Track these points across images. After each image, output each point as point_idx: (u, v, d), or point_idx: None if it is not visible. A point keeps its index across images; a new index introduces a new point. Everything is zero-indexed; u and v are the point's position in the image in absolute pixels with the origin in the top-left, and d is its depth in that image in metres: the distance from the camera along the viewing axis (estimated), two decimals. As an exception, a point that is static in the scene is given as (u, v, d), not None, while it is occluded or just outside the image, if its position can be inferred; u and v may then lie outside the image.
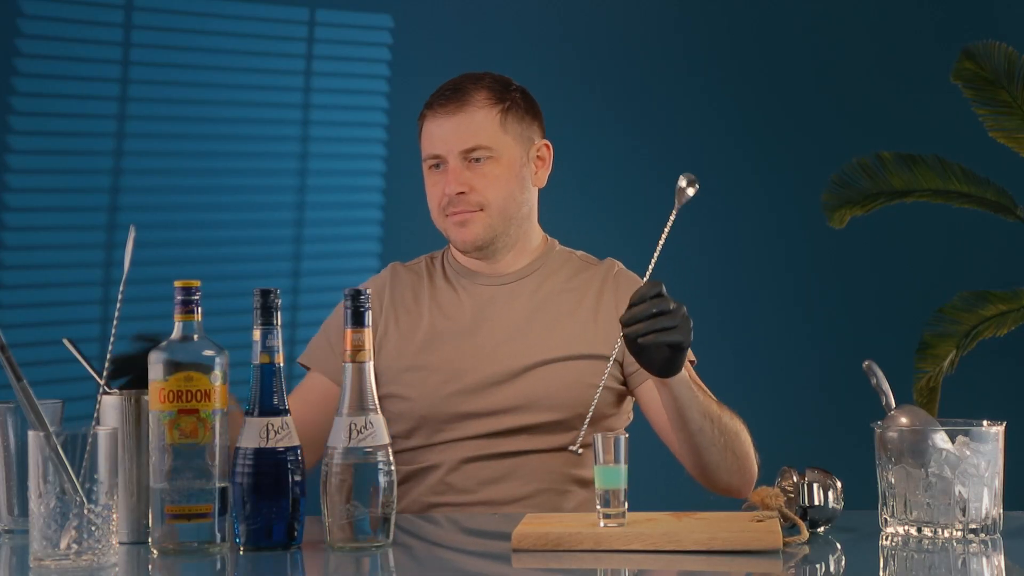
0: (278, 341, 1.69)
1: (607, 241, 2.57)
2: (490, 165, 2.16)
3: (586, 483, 2.17)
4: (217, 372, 1.67)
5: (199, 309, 1.70)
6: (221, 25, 3.89)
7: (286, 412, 1.68)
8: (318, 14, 3.90)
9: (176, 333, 1.68)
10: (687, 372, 1.99)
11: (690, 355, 2.18)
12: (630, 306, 1.85)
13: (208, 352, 1.68)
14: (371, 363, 1.67)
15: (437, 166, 2.19)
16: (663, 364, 1.89)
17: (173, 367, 1.66)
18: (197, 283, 1.70)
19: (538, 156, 2.23)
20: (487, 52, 3.85)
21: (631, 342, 1.85)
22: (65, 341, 1.76)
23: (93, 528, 1.56)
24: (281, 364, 1.69)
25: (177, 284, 1.69)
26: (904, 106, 3.97)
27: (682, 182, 1.97)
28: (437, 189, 2.18)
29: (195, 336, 1.68)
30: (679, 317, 1.85)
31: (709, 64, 4.01)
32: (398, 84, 3.94)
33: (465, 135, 2.16)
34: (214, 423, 1.66)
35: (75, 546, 1.55)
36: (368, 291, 1.68)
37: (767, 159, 4.00)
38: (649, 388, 2.15)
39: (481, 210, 2.16)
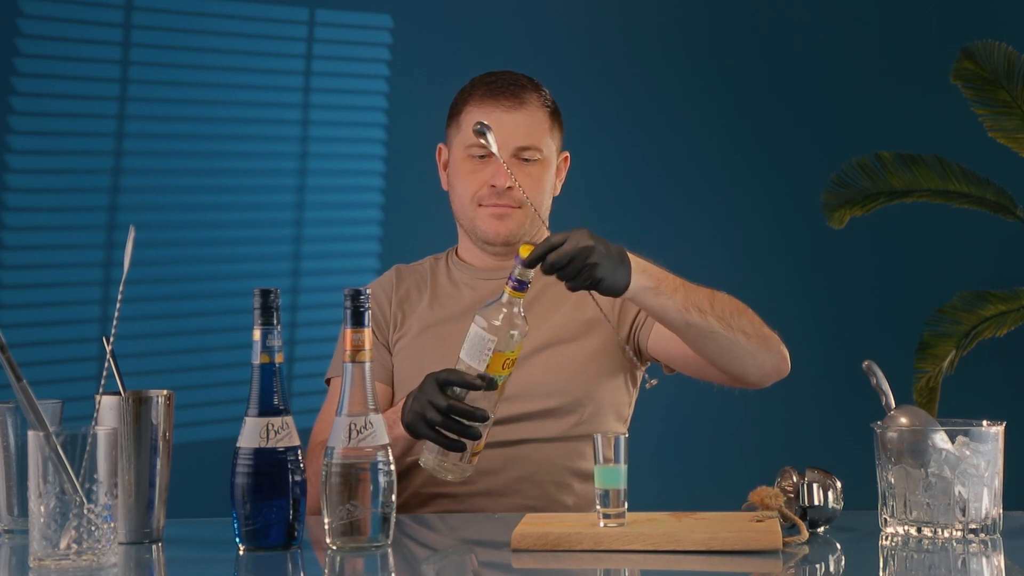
0: (278, 341, 1.69)
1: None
2: (536, 166, 2.21)
3: (585, 476, 2.18)
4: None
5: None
6: (221, 25, 3.89)
7: (286, 412, 1.68)
8: (318, 14, 3.91)
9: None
10: (653, 280, 1.96)
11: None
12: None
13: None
14: (371, 363, 1.67)
15: (482, 156, 2.20)
16: (602, 289, 1.90)
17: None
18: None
19: (558, 166, 2.28)
20: (487, 52, 3.85)
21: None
22: (104, 340, 1.76)
23: (93, 528, 1.56)
24: (281, 364, 1.69)
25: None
26: (904, 106, 3.97)
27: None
28: (476, 178, 2.20)
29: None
30: (576, 256, 1.85)
31: (709, 63, 4.01)
32: (398, 84, 3.94)
33: (522, 133, 2.19)
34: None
35: (75, 546, 1.55)
36: (367, 291, 1.68)
37: (767, 159, 4.00)
38: (655, 337, 2.17)
39: (519, 207, 2.21)
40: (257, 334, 1.68)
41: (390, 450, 1.67)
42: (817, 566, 1.63)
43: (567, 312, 2.22)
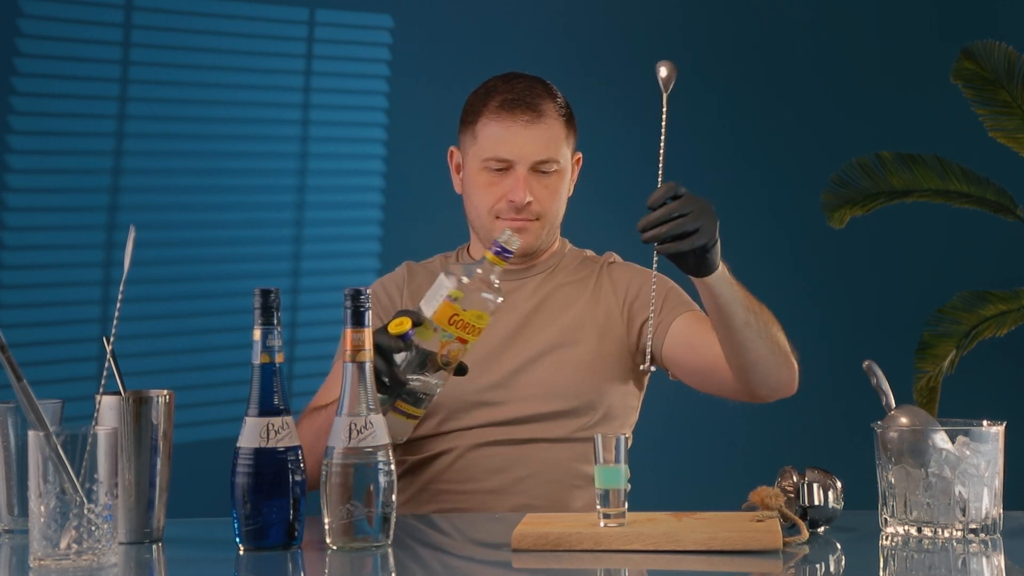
0: (278, 341, 1.69)
1: (603, 238, 2.56)
2: (554, 178, 2.20)
3: (592, 480, 2.17)
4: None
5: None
6: (221, 25, 3.89)
7: (286, 412, 1.68)
8: (318, 14, 3.91)
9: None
10: (724, 268, 1.96)
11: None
12: (649, 208, 1.84)
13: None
14: (371, 363, 1.67)
15: (500, 169, 2.18)
16: (695, 265, 1.88)
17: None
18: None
19: (571, 167, 2.28)
20: (487, 52, 3.85)
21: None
22: (104, 340, 1.76)
23: (93, 528, 1.56)
24: (281, 364, 1.69)
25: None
26: (904, 106, 3.97)
27: (662, 71, 1.97)
28: (494, 191, 2.18)
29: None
30: (702, 217, 1.83)
31: (709, 63, 4.01)
32: (398, 84, 3.94)
33: (541, 147, 2.18)
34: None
35: (75, 546, 1.55)
36: (367, 291, 1.68)
37: (767, 159, 4.00)
38: (677, 331, 2.15)
39: (537, 219, 2.20)
40: (257, 334, 1.68)
41: (390, 449, 1.67)
42: (817, 566, 1.63)
43: (578, 314, 2.21)
